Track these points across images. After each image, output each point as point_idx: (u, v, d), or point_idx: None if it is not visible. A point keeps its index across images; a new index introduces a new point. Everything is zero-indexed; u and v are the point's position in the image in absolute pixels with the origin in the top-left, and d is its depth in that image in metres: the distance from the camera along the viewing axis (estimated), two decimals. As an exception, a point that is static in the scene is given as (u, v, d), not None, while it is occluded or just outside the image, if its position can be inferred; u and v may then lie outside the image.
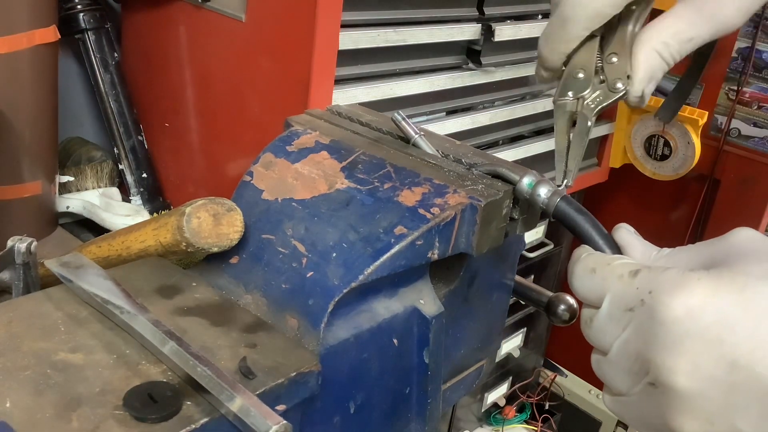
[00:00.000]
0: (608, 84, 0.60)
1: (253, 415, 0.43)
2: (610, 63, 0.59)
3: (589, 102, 0.60)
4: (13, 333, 0.49)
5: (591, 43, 0.60)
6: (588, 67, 0.60)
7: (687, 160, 1.66)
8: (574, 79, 0.61)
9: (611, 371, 0.48)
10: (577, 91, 0.60)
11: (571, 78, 0.61)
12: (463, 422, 1.80)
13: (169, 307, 0.54)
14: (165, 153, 1.28)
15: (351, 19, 1.02)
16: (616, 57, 0.59)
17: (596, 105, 0.60)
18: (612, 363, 0.48)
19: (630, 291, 0.46)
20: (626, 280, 0.47)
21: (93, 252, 0.67)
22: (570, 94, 0.61)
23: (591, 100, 0.60)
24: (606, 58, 0.60)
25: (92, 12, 1.19)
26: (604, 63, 0.60)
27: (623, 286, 0.47)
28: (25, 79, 1.03)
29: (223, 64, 1.13)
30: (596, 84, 0.60)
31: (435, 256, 0.58)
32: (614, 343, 0.47)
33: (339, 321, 0.55)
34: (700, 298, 0.43)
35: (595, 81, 0.60)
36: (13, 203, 1.07)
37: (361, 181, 0.61)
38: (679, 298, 0.43)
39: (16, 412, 0.43)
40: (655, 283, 0.45)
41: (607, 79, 0.60)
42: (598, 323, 0.48)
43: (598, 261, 0.50)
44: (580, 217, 0.56)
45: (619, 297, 0.47)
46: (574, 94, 0.60)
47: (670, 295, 0.43)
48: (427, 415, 0.64)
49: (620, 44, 0.59)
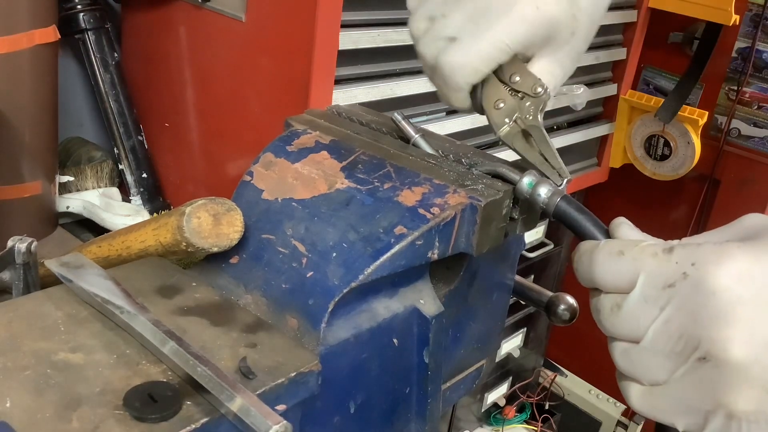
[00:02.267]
0: (529, 95, 0.61)
1: (253, 414, 0.43)
2: (515, 82, 0.61)
3: (527, 115, 0.61)
4: (14, 333, 0.49)
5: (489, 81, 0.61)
6: (502, 96, 0.61)
7: (687, 160, 1.66)
8: (498, 111, 0.61)
9: (647, 358, 0.46)
10: (510, 116, 0.61)
11: (495, 111, 0.62)
12: (463, 422, 1.80)
13: (169, 307, 0.54)
14: (165, 153, 1.28)
15: (351, 19, 1.02)
16: (516, 76, 0.60)
17: (533, 114, 0.61)
18: (648, 349, 0.45)
19: (669, 267, 0.44)
20: (662, 257, 0.45)
21: (93, 252, 0.67)
22: (507, 120, 0.61)
23: (527, 113, 0.61)
24: (510, 82, 0.61)
25: (92, 12, 1.19)
26: (510, 86, 0.61)
27: (660, 262, 0.45)
28: (25, 79, 1.03)
29: (223, 64, 1.13)
30: (519, 101, 0.61)
31: (435, 256, 0.58)
32: (651, 326, 0.45)
33: (339, 321, 0.55)
34: (746, 264, 0.42)
35: (517, 101, 0.61)
36: (13, 203, 1.07)
37: (361, 181, 0.61)
38: (725, 266, 0.42)
39: (16, 411, 0.43)
40: (696, 255, 0.44)
41: (524, 92, 0.61)
42: (628, 307, 0.46)
43: (625, 244, 0.48)
44: (580, 216, 0.56)
45: (656, 274, 0.45)
46: (509, 119, 0.61)
47: (716, 264, 0.42)
48: (427, 414, 0.64)
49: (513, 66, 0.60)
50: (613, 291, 0.48)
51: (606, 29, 1.62)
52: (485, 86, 0.61)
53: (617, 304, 0.47)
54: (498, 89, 0.61)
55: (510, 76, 0.60)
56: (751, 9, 1.64)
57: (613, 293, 0.48)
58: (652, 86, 1.82)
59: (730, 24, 1.52)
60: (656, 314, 0.45)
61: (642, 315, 0.46)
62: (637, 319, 0.46)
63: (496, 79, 0.61)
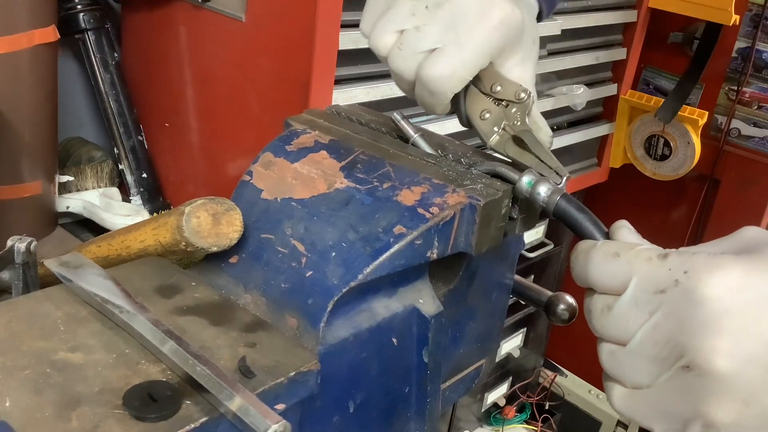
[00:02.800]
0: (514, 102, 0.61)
1: (252, 414, 0.44)
2: (497, 91, 0.61)
3: (515, 122, 0.61)
4: (13, 332, 0.49)
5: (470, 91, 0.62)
6: (486, 106, 0.62)
7: (687, 160, 1.66)
8: (485, 121, 0.62)
9: (632, 361, 0.46)
10: (498, 125, 0.62)
11: (482, 123, 0.62)
12: (463, 422, 1.80)
13: (168, 307, 0.54)
14: (165, 153, 1.28)
15: (351, 19, 1.02)
16: (498, 86, 0.61)
17: (521, 119, 0.61)
18: (634, 352, 0.46)
19: (661, 272, 0.45)
20: (656, 262, 0.45)
21: (93, 252, 0.67)
22: (496, 129, 0.62)
23: (515, 119, 0.61)
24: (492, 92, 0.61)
25: (92, 12, 1.19)
26: (492, 95, 0.61)
27: (653, 267, 0.45)
28: (25, 79, 1.04)
29: (223, 64, 1.13)
30: (505, 108, 0.62)
31: (434, 256, 0.58)
32: (639, 330, 0.45)
33: (338, 320, 0.55)
34: (737, 276, 0.42)
35: (502, 109, 0.62)
36: (13, 203, 1.07)
37: (361, 180, 0.61)
38: (717, 276, 0.42)
39: (15, 411, 0.43)
40: (689, 263, 0.44)
41: (509, 100, 0.61)
42: (619, 309, 0.46)
43: (622, 246, 0.48)
44: (580, 215, 0.56)
45: (648, 279, 0.45)
46: (498, 127, 0.62)
47: (708, 273, 0.43)
48: (426, 414, 0.64)
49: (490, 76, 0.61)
50: (606, 292, 0.48)
51: (606, 29, 1.62)
52: (468, 98, 0.62)
53: (608, 305, 0.48)
54: (481, 100, 0.62)
55: (491, 87, 0.61)
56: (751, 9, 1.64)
57: (605, 294, 0.48)
58: (652, 86, 1.82)
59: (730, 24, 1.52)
60: (645, 318, 0.45)
61: (631, 318, 0.46)
62: (626, 322, 0.46)
63: (476, 90, 0.62)
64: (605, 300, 0.48)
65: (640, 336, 0.45)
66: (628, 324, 0.46)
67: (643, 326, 0.45)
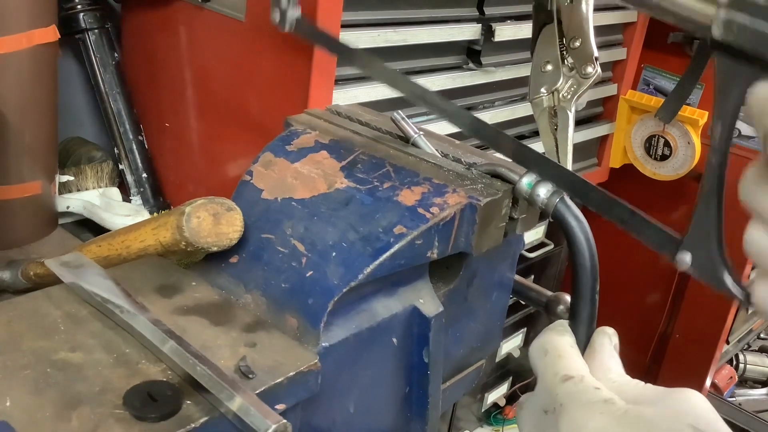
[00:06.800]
0: (578, 70, 0.59)
1: (252, 414, 0.44)
2: (574, 48, 0.59)
3: (565, 93, 0.60)
4: (14, 332, 0.49)
5: (549, 33, 0.59)
6: (553, 58, 0.60)
7: (687, 160, 1.66)
8: (542, 73, 0.60)
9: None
10: (550, 85, 0.60)
11: (539, 73, 0.60)
12: (463, 422, 1.80)
13: (168, 307, 0.54)
14: (165, 153, 1.28)
15: (351, 19, 1.02)
16: (578, 41, 0.59)
17: (572, 95, 0.60)
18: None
19: (550, 395, 0.48)
20: (555, 382, 0.48)
21: (93, 251, 0.67)
22: (543, 90, 0.60)
23: (566, 91, 0.60)
24: (569, 43, 0.59)
25: (92, 12, 1.19)
26: (567, 49, 0.59)
27: (549, 386, 0.49)
28: (24, 79, 1.03)
29: (223, 64, 1.13)
30: (566, 73, 0.60)
31: (434, 256, 0.58)
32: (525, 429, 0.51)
33: (338, 320, 0.55)
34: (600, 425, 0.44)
35: (564, 70, 0.60)
36: (13, 203, 1.07)
37: (361, 180, 0.61)
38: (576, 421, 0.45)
39: (16, 411, 0.43)
40: (569, 397, 0.47)
41: (576, 65, 0.59)
42: (521, 411, 0.52)
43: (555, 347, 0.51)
44: (574, 222, 0.55)
45: (541, 395, 0.49)
46: (548, 88, 0.60)
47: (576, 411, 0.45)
48: (426, 414, 0.64)
49: (578, 28, 0.58)
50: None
51: (606, 29, 1.62)
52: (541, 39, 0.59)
53: (525, 399, 0.52)
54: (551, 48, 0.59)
55: (572, 39, 0.59)
56: (751, 9, 1.64)
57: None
58: (652, 86, 1.82)
59: (730, 24, 1.52)
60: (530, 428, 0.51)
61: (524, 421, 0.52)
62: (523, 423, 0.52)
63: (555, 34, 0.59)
64: (525, 395, 0.53)
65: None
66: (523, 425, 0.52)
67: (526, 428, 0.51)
